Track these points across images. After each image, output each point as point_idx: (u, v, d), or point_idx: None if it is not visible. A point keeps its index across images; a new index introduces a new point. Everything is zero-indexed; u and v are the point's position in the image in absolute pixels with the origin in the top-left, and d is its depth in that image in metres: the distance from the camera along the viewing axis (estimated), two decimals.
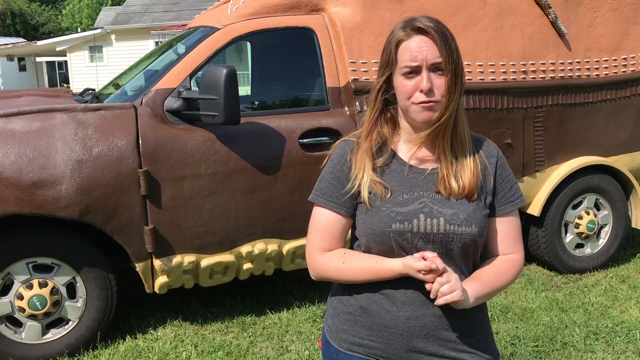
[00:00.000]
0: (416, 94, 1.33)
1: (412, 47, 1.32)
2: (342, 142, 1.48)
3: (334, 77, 3.43)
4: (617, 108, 4.14)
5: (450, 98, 1.33)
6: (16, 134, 2.91)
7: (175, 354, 3.18)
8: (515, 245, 1.46)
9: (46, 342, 3.10)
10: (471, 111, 3.64)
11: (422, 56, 1.31)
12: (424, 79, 1.31)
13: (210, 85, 2.96)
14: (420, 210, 1.35)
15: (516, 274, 1.45)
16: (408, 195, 1.38)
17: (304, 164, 3.30)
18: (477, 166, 1.41)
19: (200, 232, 3.15)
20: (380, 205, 1.37)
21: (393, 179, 1.40)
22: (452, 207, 1.36)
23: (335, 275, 1.42)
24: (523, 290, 3.93)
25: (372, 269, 1.36)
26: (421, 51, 1.31)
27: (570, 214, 4.15)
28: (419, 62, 1.31)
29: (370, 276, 1.37)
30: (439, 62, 1.31)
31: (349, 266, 1.39)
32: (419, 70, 1.32)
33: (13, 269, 3.00)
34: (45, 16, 50.91)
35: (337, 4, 3.46)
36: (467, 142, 1.41)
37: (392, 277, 1.35)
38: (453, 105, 1.34)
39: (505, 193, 1.44)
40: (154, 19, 25.47)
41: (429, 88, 1.31)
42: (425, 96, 1.32)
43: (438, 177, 1.39)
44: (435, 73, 1.32)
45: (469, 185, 1.37)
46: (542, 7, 3.80)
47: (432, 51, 1.31)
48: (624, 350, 3.15)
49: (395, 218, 1.35)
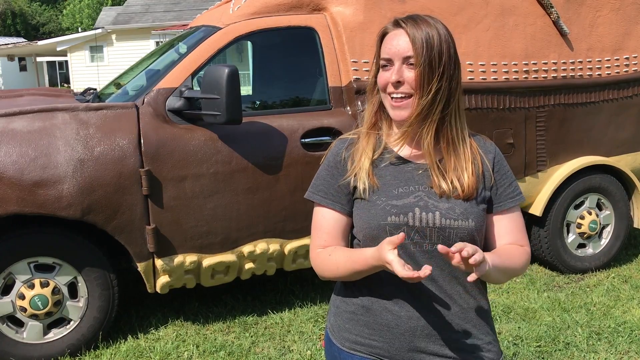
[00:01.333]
0: (388, 85, 1.36)
1: (388, 41, 1.36)
2: (338, 140, 1.49)
3: (335, 76, 3.43)
4: (619, 108, 4.14)
5: (422, 93, 1.32)
6: (18, 133, 2.91)
7: (176, 353, 3.18)
8: (521, 239, 1.45)
9: (47, 342, 3.10)
10: (473, 111, 3.63)
11: (395, 49, 1.34)
12: (394, 70, 1.34)
13: (212, 84, 2.95)
14: (415, 204, 1.35)
15: (526, 262, 1.42)
16: (403, 189, 1.37)
17: (305, 164, 3.29)
18: (473, 162, 1.40)
19: (202, 231, 3.14)
20: (376, 199, 1.37)
21: (388, 173, 1.40)
22: (448, 201, 1.35)
23: (325, 269, 1.41)
24: (525, 290, 3.93)
25: (350, 258, 1.34)
26: (395, 44, 1.34)
27: (572, 214, 4.15)
28: (391, 55, 1.35)
29: (348, 267, 1.35)
30: (409, 55, 1.33)
31: (333, 258, 1.38)
32: (392, 63, 1.35)
33: (15, 268, 3.00)
34: (46, 16, 50.93)
35: (339, 3, 3.46)
36: (461, 138, 1.39)
37: (367, 269, 1.31)
38: (427, 101, 1.32)
39: (505, 189, 1.44)
40: (154, 19, 25.47)
41: (397, 79, 1.33)
42: (393, 87, 1.35)
43: (433, 172, 1.37)
44: (406, 66, 1.34)
45: (464, 181, 1.36)
46: (544, 6, 3.79)
47: (404, 44, 1.33)
48: (627, 350, 3.14)
49: (390, 211, 1.35)
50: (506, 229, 1.44)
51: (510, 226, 1.44)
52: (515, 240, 1.44)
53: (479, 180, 1.40)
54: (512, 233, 1.44)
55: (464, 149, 1.40)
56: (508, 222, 1.44)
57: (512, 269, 1.37)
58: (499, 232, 1.44)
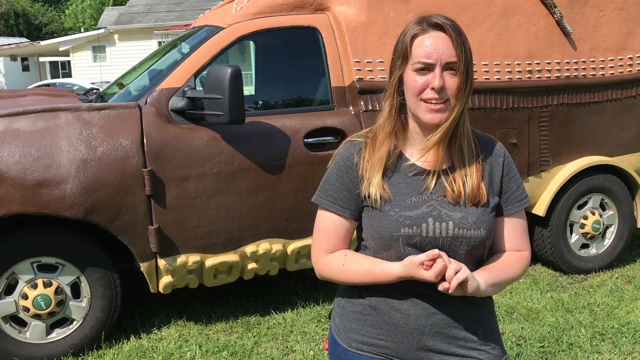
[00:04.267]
0: (427, 90, 1.30)
1: (427, 43, 1.29)
2: (347, 143, 1.45)
3: (338, 76, 3.42)
4: (623, 108, 4.13)
5: (459, 99, 1.30)
6: (21, 133, 2.91)
7: (179, 354, 3.17)
8: (522, 243, 1.46)
9: (50, 341, 3.10)
10: (476, 111, 3.62)
11: (438, 54, 1.28)
12: (437, 76, 1.28)
13: (215, 84, 2.95)
14: (429, 214, 1.34)
15: (524, 268, 1.44)
16: (416, 198, 1.36)
17: (308, 164, 3.29)
18: (483, 168, 1.39)
19: (205, 231, 3.14)
20: (389, 209, 1.35)
21: (401, 181, 1.38)
22: (461, 210, 1.35)
23: (336, 277, 1.42)
24: (528, 290, 3.92)
25: (371, 271, 1.35)
26: (437, 48, 1.28)
27: (576, 214, 4.14)
28: (434, 60, 1.28)
29: (368, 279, 1.36)
30: (453, 62, 1.28)
31: (348, 268, 1.38)
32: (432, 68, 1.29)
33: (17, 268, 3.00)
34: (48, 16, 51.00)
35: (342, 3, 3.45)
36: (471, 143, 1.39)
37: (390, 281, 1.34)
38: (460, 107, 1.31)
39: (513, 192, 1.43)
40: (156, 19, 25.50)
41: (441, 86, 1.28)
42: (435, 94, 1.29)
43: (445, 180, 1.37)
44: (448, 72, 1.29)
45: (476, 189, 1.36)
46: (548, 6, 3.78)
47: (447, 50, 1.28)
48: (631, 351, 3.13)
49: (403, 222, 1.34)
50: (508, 234, 1.45)
51: (512, 231, 1.45)
52: (514, 245, 1.45)
53: (489, 187, 1.40)
54: (512, 238, 1.45)
55: (473, 154, 1.39)
56: (511, 226, 1.45)
57: (507, 280, 1.39)
58: (501, 236, 1.45)
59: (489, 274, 1.35)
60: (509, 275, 1.40)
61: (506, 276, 1.39)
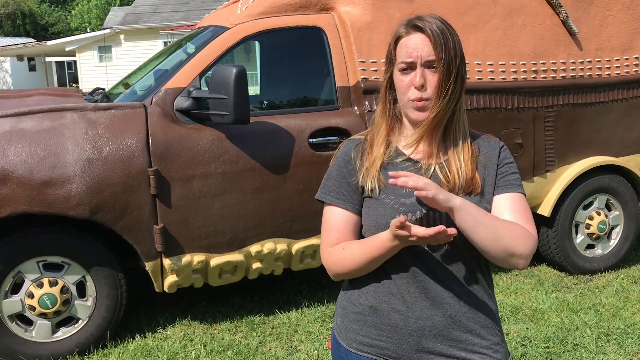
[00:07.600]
0: (412, 90, 1.36)
1: (408, 44, 1.36)
2: (346, 141, 1.51)
3: (343, 76, 3.42)
4: (629, 108, 4.11)
5: (440, 95, 1.34)
6: (27, 133, 2.93)
7: (184, 353, 3.18)
8: (524, 221, 1.37)
9: (56, 340, 3.12)
10: (481, 111, 3.62)
11: (417, 53, 1.35)
12: (417, 74, 1.35)
13: (220, 84, 2.96)
14: (423, 201, 1.35)
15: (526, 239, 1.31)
16: None
17: (313, 164, 3.29)
18: (478, 160, 1.41)
19: (210, 231, 3.15)
20: (384, 197, 1.38)
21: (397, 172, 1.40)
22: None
23: (340, 263, 1.40)
24: (533, 291, 3.91)
25: (367, 245, 1.35)
26: (417, 48, 1.35)
27: (581, 214, 4.12)
28: (414, 58, 1.35)
29: (365, 255, 1.35)
30: (432, 60, 1.34)
31: (348, 251, 1.39)
32: (414, 67, 1.36)
33: (24, 267, 3.02)
34: (55, 16, 51.20)
35: (347, 3, 3.45)
36: (467, 136, 1.41)
37: (385, 252, 1.31)
38: (444, 103, 1.34)
39: (506, 176, 1.41)
40: (162, 19, 25.55)
41: (422, 84, 1.34)
42: (418, 92, 1.35)
43: (440, 171, 1.39)
44: (429, 70, 1.35)
45: (470, 179, 1.37)
46: (553, 6, 3.77)
47: (427, 49, 1.34)
48: (636, 352, 3.12)
49: (398, 210, 1.36)
50: (506, 208, 1.37)
51: (510, 206, 1.38)
52: (515, 220, 1.36)
53: (483, 178, 1.40)
54: (512, 213, 1.37)
55: (468, 146, 1.41)
56: (509, 201, 1.38)
57: (503, 234, 1.28)
58: (498, 211, 1.38)
59: (475, 209, 1.28)
60: (504, 233, 1.29)
61: (503, 228, 1.29)
